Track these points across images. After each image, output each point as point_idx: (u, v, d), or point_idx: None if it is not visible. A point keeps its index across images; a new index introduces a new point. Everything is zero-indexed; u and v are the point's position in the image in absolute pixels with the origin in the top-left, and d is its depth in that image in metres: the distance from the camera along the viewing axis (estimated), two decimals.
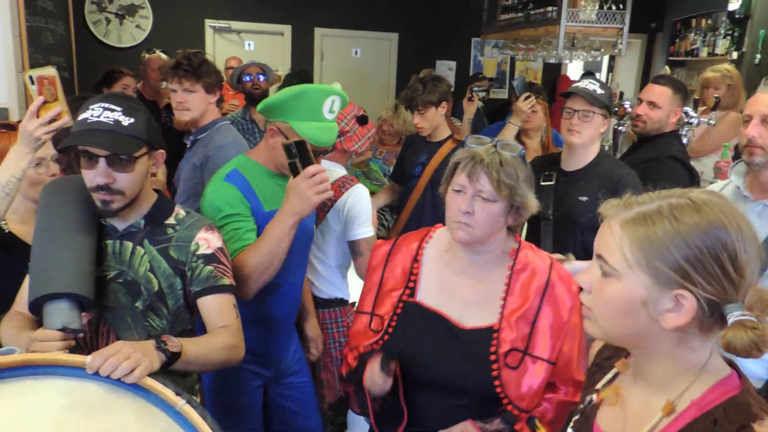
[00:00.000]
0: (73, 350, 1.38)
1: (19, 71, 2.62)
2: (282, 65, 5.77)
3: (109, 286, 1.54)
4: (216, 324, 1.53)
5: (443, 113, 2.98)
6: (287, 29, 6.91)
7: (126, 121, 1.46)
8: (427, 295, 1.49)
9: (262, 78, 3.64)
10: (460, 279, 1.48)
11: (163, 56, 4.25)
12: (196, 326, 1.59)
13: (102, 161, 1.45)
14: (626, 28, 3.97)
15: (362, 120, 2.37)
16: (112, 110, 1.46)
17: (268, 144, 1.82)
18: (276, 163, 1.84)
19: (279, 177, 1.86)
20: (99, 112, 1.45)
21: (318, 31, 6.99)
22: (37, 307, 1.41)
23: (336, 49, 7.10)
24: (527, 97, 3.31)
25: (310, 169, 1.65)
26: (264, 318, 1.90)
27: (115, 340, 1.55)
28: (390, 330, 1.50)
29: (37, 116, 1.62)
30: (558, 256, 1.76)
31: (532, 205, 1.44)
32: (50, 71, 1.67)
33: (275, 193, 1.82)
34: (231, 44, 6.83)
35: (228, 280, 1.58)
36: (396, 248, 1.57)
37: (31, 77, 1.64)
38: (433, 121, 2.96)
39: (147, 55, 4.26)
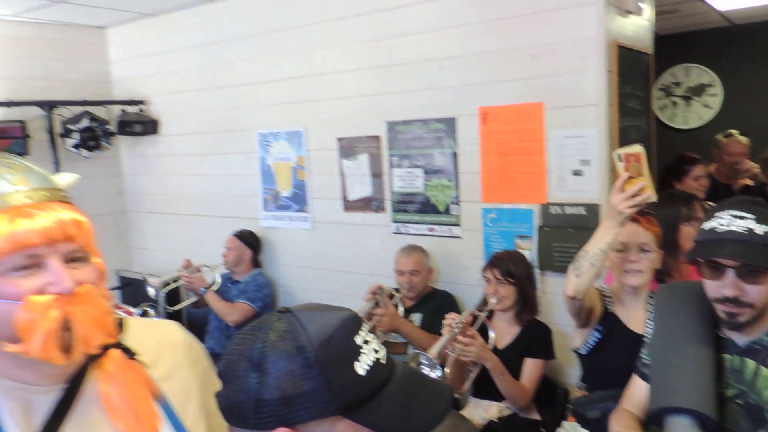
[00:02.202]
0: None
1: (609, 170, 2.86)
2: None
3: (726, 406, 1.44)
4: None
5: None
6: None
7: (760, 229, 1.36)
8: None
9: None
10: None
11: (742, 139, 3.97)
12: None
13: (731, 272, 1.38)
14: None
15: None
16: (743, 218, 1.38)
17: None
18: None
19: None
20: (728, 221, 1.39)
21: None
22: (657, 416, 1.43)
23: None
24: None
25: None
26: None
27: None
28: None
29: (622, 191, 1.70)
30: None
31: None
32: (637, 149, 1.73)
33: None
34: None
35: None
36: None
37: (618, 155, 1.74)
38: None
39: (724, 140, 4.07)
